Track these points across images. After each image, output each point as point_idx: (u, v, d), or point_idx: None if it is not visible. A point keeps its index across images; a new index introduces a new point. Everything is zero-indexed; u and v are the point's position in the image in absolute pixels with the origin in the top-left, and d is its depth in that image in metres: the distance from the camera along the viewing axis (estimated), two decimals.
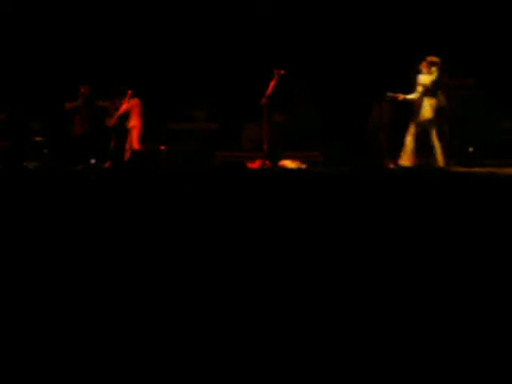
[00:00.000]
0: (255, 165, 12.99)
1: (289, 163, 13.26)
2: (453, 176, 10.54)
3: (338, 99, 15.49)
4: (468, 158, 14.37)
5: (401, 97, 13.08)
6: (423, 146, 15.45)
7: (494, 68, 16.00)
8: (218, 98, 17.58)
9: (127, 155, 14.33)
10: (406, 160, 12.57)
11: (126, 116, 14.90)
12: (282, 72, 13.27)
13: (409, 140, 12.76)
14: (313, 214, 5.90)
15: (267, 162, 13.19)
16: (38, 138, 15.82)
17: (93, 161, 14.68)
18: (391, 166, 12.72)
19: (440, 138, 12.79)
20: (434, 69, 12.78)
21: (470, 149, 14.64)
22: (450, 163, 13.22)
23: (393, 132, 16.03)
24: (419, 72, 12.95)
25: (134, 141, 14.66)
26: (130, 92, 14.77)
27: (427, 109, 12.85)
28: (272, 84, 13.25)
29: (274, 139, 13.75)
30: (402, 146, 12.89)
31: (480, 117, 15.56)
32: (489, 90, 15.60)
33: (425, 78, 12.87)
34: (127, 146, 14.66)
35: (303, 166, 13.16)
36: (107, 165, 13.68)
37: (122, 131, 14.86)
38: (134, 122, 14.76)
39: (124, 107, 14.84)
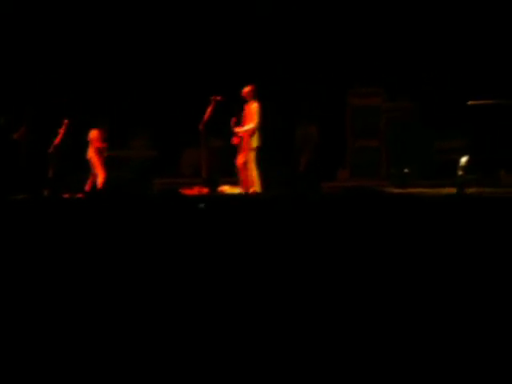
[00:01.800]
0: (193, 191, 12.95)
1: (227, 189, 13.26)
2: (390, 197, 10.62)
3: (275, 124, 15.57)
4: (403, 178, 14.56)
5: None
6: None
7: (430, 90, 16.26)
8: (155, 126, 17.58)
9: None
10: (257, 187, 12.79)
11: (63, 144, 14.85)
12: (219, 98, 13.30)
13: (252, 167, 12.92)
14: (251, 239, 5.90)
15: (205, 188, 13.18)
16: None
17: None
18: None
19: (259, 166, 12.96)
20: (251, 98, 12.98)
21: (406, 170, 14.83)
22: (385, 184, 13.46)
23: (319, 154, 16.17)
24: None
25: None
26: (66, 121, 14.70)
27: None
28: (209, 110, 13.27)
29: (212, 165, 13.76)
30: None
31: (416, 138, 15.78)
32: (425, 111, 15.85)
33: None
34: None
35: (242, 191, 13.16)
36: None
37: (61, 160, 14.79)
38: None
39: (61, 136, 14.77)
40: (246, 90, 12.84)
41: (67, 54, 17.93)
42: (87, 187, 14.51)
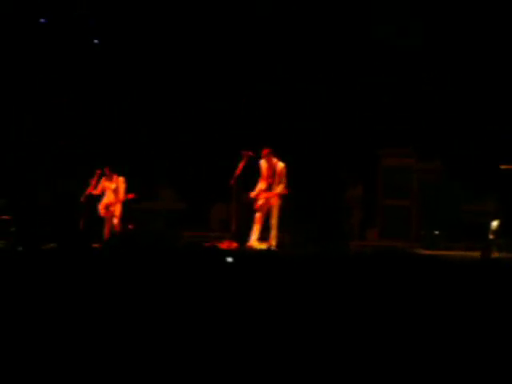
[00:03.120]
0: (223, 245, 12.97)
1: (256, 244, 13.27)
2: (420, 259, 10.55)
3: (307, 180, 15.69)
4: (434, 240, 14.46)
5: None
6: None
7: (462, 152, 16.25)
8: (185, 179, 17.71)
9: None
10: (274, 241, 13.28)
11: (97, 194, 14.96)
12: (250, 154, 13.40)
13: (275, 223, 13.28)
14: (276, 295, 5.86)
15: (234, 243, 13.20)
16: (5, 217, 15.70)
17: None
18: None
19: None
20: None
21: (436, 232, 14.72)
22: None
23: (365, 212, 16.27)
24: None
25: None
26: (98, 172, 14.79)
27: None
28: (240, 165, 13.35)
29: (242, 220, 13.80)
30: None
31: (447, 200, 15.70)
32: (457, 173, 15.81)
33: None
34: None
35: (272, 247, 13.15)
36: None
37: (92, 210, 14.88)
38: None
39: (93, 186, 14.85)
40: (265, 152, 13.16)
41: (101, 106, 18.22)
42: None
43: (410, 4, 16.84)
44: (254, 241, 13.27)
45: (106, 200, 14.82)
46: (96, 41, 18.19)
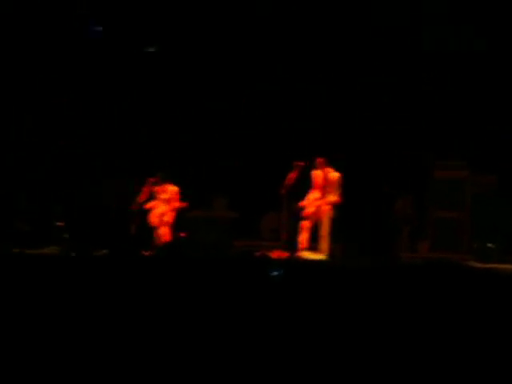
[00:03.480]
0: (273, 255, 12.97)
1: (308, 254, 13.25)
2: (472, 272, 10.47)
3: (358, 191, 15.61)
4: (487, 253, 14.30)
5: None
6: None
7: None
8: (238, 188, 17.73)
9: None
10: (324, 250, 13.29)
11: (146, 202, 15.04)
12: (302, 164, 13.42)
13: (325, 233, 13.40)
14: (325, 305, 5.86)
15: (285, 253, 13.21)
16: (59, 223, 15.89)
17: None
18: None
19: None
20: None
21: (489, 244, 14.55)
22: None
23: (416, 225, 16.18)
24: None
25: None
26: (150, 180, 14.87)
27: None
28: (292, 175, 13.37)
29: (293, 230, 13.80)
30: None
31: (500, 212, 15.54)
32: (510, 186, 15.65)
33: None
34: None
35: (323, 258, 13.12)
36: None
37: (143, 217, 14.98)
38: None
39: (145, 194, 14.95)
40: (319, 161, 13.30)
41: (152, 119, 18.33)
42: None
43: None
44: (304, 250, 13.25)
45: (158, 210, 14.85)
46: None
